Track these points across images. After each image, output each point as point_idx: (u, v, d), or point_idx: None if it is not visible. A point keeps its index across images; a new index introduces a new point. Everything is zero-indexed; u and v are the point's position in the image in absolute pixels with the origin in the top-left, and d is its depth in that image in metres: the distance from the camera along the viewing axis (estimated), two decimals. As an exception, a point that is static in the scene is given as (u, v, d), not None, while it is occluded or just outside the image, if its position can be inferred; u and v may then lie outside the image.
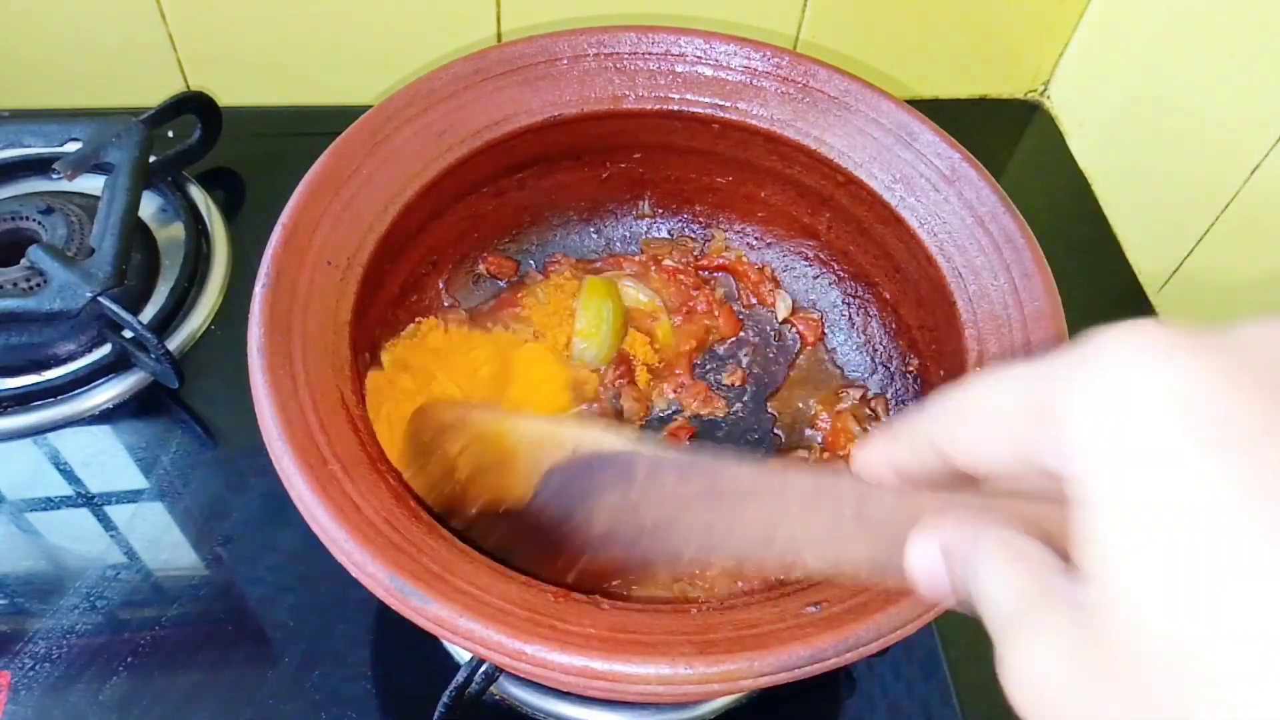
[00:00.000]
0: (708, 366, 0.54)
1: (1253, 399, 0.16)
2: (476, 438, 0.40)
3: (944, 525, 0.21)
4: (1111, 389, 0.17)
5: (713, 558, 0.34)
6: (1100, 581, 0.17)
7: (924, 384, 0.48)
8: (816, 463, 0.50)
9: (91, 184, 0.57)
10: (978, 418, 0.21)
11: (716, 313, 0.54)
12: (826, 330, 0.54)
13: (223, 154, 0.63)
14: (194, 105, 0.61)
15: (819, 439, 0.51)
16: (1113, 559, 0.16)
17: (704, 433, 0.52)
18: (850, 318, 0.53)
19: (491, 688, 0.39)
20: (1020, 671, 0.18)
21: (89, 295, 0.50)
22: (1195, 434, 0.16)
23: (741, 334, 0.54)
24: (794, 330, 0.54)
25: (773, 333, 0.54)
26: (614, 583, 0.40)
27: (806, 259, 0.54)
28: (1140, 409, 0.17)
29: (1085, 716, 0.17)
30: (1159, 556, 0.16)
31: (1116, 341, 0.18)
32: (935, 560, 0.21)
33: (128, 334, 0.53)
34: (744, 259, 0.55)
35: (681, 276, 0.54)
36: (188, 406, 0.54)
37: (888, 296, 0.50)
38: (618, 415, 0.50)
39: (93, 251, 0.52)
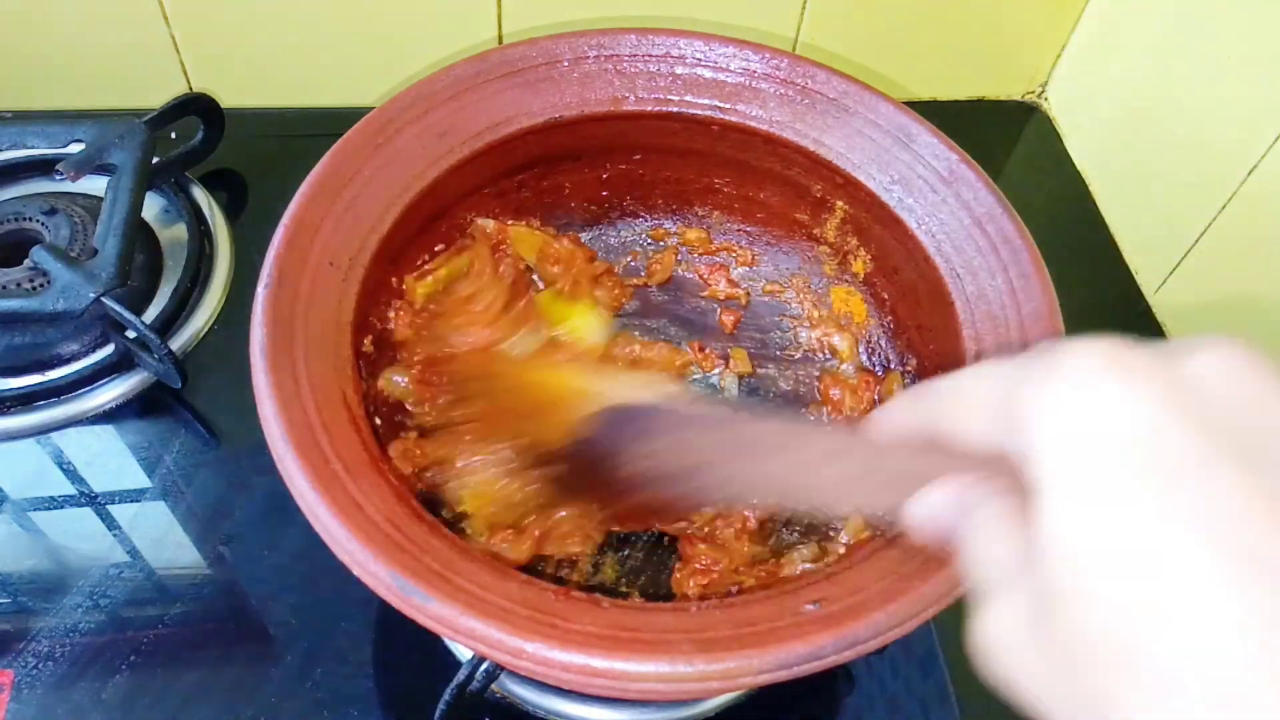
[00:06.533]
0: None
1: (1185, 431, 0.19)
2: (509, 389, 0.44)
3: (950, 488, 0.25)
4: (1067, 410, 0.20)
5: (744, 500, 0.42)
6: (1049, 567, 0.20)
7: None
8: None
9: (94, 185, 0.58)
10: (965, 405, 0.24)
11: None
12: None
13: (225, 155, 0.63)
14: (197, 107, 0.61)
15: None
16: (1059, 546, 0.20)
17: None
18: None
19: (493, 685, 0.39)
20: (986, 629, 0.22)
21: (92, 296, 0.51)
22: (1132, 462, 0.19)
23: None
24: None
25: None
26: (659, 520, 0.46)
27: (805, 259, 0.54)
28: (1090, 430, 0.20)
29: (1024, 674, 0.21)
30: (1096, 550, 0.19)
31: (1076, 359, 0.21)
32: (936, 514, 0.25)
33: (131, 334, 0.53)
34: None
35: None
36: (190, 406, 0.54)
37: (885, 297, 0.50)
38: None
39: (96, 252, 0.52)
